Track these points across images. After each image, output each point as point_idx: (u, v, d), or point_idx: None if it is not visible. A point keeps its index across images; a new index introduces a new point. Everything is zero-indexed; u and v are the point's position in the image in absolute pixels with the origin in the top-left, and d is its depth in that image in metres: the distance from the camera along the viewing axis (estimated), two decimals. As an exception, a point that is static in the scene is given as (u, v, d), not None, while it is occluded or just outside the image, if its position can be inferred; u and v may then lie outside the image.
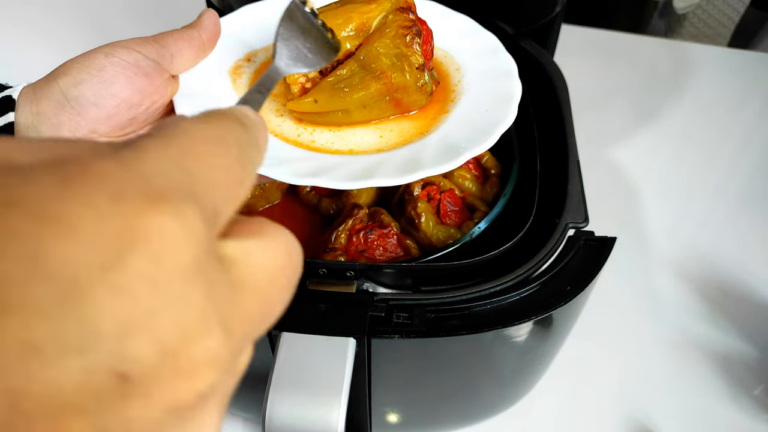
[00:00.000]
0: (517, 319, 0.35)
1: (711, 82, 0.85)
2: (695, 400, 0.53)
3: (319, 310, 0.35)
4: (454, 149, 0.36)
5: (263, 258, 0.14)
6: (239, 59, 0.42)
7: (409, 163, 0.35)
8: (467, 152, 0.36)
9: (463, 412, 0.47)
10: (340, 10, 0.39)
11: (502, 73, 0.42)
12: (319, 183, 0.33)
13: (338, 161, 0.36)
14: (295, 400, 0.32)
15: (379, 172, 0.34)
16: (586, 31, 0.92)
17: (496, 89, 0.41)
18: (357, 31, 0.38)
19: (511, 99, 0.39)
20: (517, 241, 0.39)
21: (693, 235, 0.66)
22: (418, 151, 0.37)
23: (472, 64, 0.44)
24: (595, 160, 0.73)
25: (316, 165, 0.35)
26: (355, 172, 0.34)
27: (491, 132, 0.37)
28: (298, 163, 0.35)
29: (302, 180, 0.33)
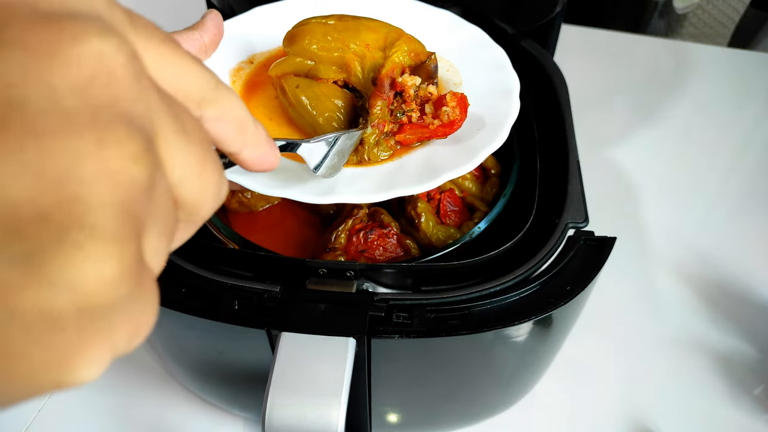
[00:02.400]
0: (517, 319, 0.35)
1: (711, 82, 0.85)
2: (695, 400, 0.53)
3: (319, 310, 0.35)
4: (433, 170, 0.36)
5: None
6: (242, 61, 0.42)
7: (383, 182, 0.35)
8: (448, 173, 0.35)
9: (463, 412, 0.47)
10: (341, 38, 0.38)
11: (502, 91, 0.41)
12: (286, 195, 0.33)
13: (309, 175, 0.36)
14: (295, 400, 0.32)
15: (349, 188, 0.34)
16: (586, 31, 0.92)
17: (492, 107, 0.40)
18: (341, 68, 0.38)
19: (504, 121, 0.38)
20: (517, 241, 0.39)
21: (693, 235, 0.66)
22: (394, 171, 0.36)
23: (474, 79, 0.43)
24: (595, 160, 0.73)
25: (285, 176, 0.35)
26: (324, 187, 0.34)
27: (476, 154, 0.36)
28: (270, 173, 0.35)
29: (269, 190, 0.33)
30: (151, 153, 0.13)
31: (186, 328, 0.39)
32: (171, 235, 0.15)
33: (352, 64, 0.37)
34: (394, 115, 0.37)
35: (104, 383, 0.54)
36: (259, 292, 0.36)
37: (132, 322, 0.13)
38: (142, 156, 0.12)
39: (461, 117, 0.37)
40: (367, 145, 0.36)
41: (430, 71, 0.38)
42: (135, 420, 0.52)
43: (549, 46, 0.61)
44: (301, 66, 0.37)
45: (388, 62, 0.37)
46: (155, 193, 0.13)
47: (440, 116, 0.36)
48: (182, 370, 0.47)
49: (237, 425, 0.52)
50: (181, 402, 0.53)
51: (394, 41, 0.38)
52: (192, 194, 0.15)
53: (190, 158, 0.15)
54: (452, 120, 0.36)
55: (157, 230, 0.14)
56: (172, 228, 0.15)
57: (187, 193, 0.15)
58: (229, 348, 0.40)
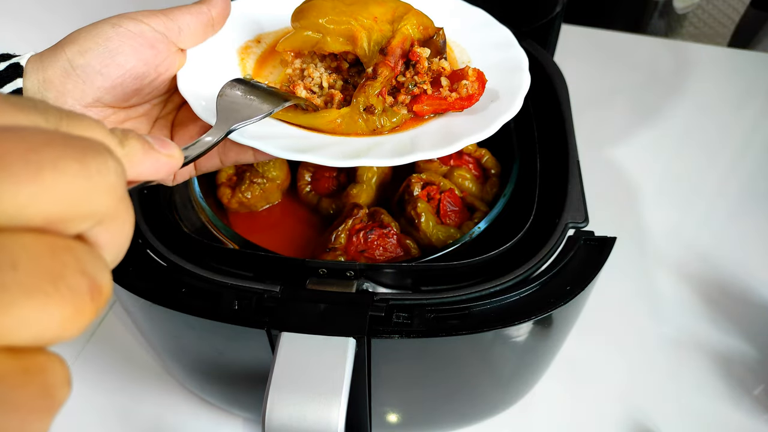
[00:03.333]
0: (517, 319, 0.35)
1: (711, 82, 0.85)
2: (695, 400, 0.53)
3: (319, 310, 0.35)
4: (451, 135, 0.36)
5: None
6: (250, 39, 0.42)
7: (405, 146, 0.35)
8: (465, 138, 0.35)
9: (463, 412, 0.47)
10: (348, 11, 0.38)
11: (512, 67, 0.41)
12: (309, 159, 0.32)
13: (331, 141, 0.36)
14: (295, 400, 0.32)
15: (373, 153, 0.34)
16: (586, 31, 0.92)
17: (504, 81, 0.40)
18: (347, 40, 0.37)
19: (517, 92, 0.38)
20: (517, 241, 0.39)
21: (693, 235, 0.66)
22: (413, 138, 0.36)
23: (483, 58, 0.43)
24: (595, 160, 0.73)
25: (307, 143, 0.35)
26: (347, 152, 0.34)
27: (493, 121, 0.36)
28: (289, 140, 0.35)
29: (290, 155, 0.33)
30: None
31: (186, 328, 0.39)
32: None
33: (358, 36, 0.37)
34: (406, 87, 0.37)
35: (104, 383, 0.55)
36: (259, 292, 0.36)
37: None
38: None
39: (479, 91, 0.37)
40: (376, 113, 0.36)
41: (438, 46, 0.38)
42: (135, 420, 0.52)
43: (549, 46, 0.61)
44: (308, 40, 0.38)
45: (399, 34, 0.37)
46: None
47: (459, 90, 0.37)
48: (182, 370, 0.47)
49: (237, 425, 0.52)
50: (181, 402, 0.53)
51: (403, 15, 0.37)
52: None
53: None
54: (471, 94, 0.37)
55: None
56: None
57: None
58: (229, 348, 0.40)
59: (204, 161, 0.37)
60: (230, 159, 0.37)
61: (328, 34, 0.37)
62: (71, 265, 0.13)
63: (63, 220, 0.14)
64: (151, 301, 0.36)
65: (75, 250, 0.14)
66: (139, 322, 0.42)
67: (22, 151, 0.13)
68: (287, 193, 0.52)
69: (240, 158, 0.37)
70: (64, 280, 0.13)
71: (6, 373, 0.12)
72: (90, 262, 0.14)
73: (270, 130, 0.35)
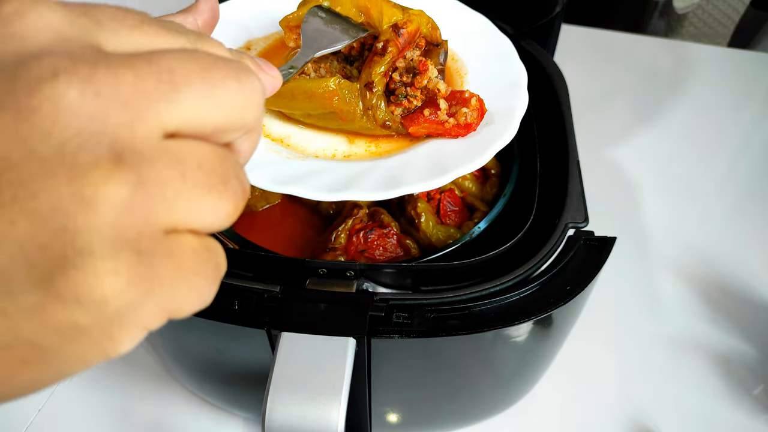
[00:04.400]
0: (517, 319, 0.35)
1: (711, 82, 0.85)
2: (695, 400, 0.53)
3: (319, 310, 0.35)
4: (442, 165, 0.35)
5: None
6: (239, 47, 0.41)
7: (391, 178, 0.34)
8: (456, 170, 0.34)
9: (463, 412, 0.47)
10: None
11: (510, 83, 0.40)
12: (293, 191, 0.32)
13: (319, 167, 0.35)
14: (295, 400, 0.32)
15: (358, 185, 0.33)
16: (586, 31, 0.92)
17: (500, 100, 0.39)
18: (359, 9, 0.37)
19: (512, 114, 0.38)
20: (517, 241, 0.39)
21: (693, 235, 0.66)
22: (401, 166, 0.35)
23: (481, 70, 0.42)
24: (595, 160, 0.73)
25: (293, 172, 0.34)
26: (334, 182, 0.33)
27: (486, 149, 0.35)
28: (275, 167, 0.34)
29: (275, 187, 0.33)
30: (120, 169, 0.14)
31: (186, 328, 0.39)
32: (188, 218, 0.15)
33: (371, 6, 0.36)
34: (396, 95, 0.37)
35: (104, 383, 0.54)
36: (259, 292, 0.36)
37: (159, 306, 0.15)
38: (110, 176, 0.14)
39: (478, 121, 0.37)
40: (375, 93, 0.36)
41: (439, 59, 0.38)
42: (135, 420, 0.52)
43: (549, 46, 0.61)
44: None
45: (415, 20, 0.36)
46: (143, 199, 0.14)
47: (457, 117, 0.36)
48: (182, 370, 0.47)
49: (237, 425, 0.52)
50: (181, 402, 0.53)
51: (414, 12, 0.37)
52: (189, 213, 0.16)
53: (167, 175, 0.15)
54: (469, 123, 0.36)
55: (158, 228, 0.15)
56: (186, 215, 0.15)
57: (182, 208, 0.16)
58: (229, 348, 0.40)
59: None
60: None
61: (340, 4, 0.36)
62: (232, 170, 0.16)
63: (225, 130, 0.16)
64: (151, 301, 0.36)
65: (231, 157, 0.17)
66: (139, 322, 0.42)
67: (199, 71, 0.15)
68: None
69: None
70: (230, 182, 0.16)
71: (198, 249, 0.16)
72: (239, 168, 0.17)
73: (258, 157, 0.35)
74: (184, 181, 0.15)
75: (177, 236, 0.15)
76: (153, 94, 0.15)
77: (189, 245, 0.15)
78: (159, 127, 0.15)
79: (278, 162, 0.35)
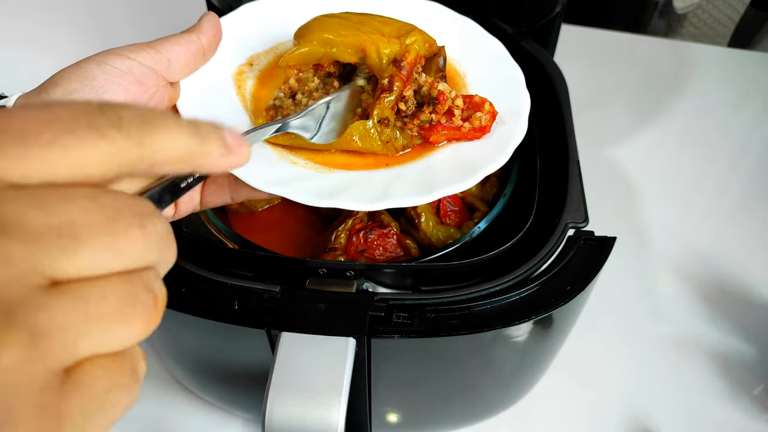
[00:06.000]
0: (517, 319, 0.35)
1: (711, 82, 0.85)
2: (695, 400, 0.53)
3: (319, 310, 0.35)
4: (467, 168, 0.35)
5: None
6: (242, 63, 0.41)
7: (424, 182, 0.34)
8: (482, 170, 0.35)
9: (463, 412, 0.47)
10: (355, 27, 0.37)
11: (510, 85, 0.41)
12: (338, 204, 0.32)
13: (352, 178, 0.35)
14: (295, 400, 0.32)
15: (394, 191, 0.33)
16: (586, 31, 0.92)
17: (504, 101, 0.39)
18: (356, 51, 0.37)
19: (520, 112, 0.39)
20: (517, 241, 0.39)
21: (693, 235, 0.66)
22: (393, 180, 0.36)
23: (477, 72, 0.43)
24: (595, 160, 0.73)
25: (334, 183, 0.34)
26: (371, 191, 0.33)
27: (505, 147, 0.36)
28: (311, 182, 0.34)
29: (274, 189, 0.32)
30: (11, 328, 0.14)
31: (186, 328, 0.39)
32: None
33: (368, 46, 0.37)
34: (420, 120, 0.38)
35: (104, 383, 0.54)
36: (259, 292, 0.36)
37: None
38: (1, 338, 0.14)
39: (490, 123, 0.38)
40: (390, 126, 0.37)
41: (439, 66, 0.39)
42: (135, 420, 0.52)
43: (549, 46, 0.61)
44: (314, 53, 0.37)
45: (412, 50, 0.37)
46: (40, 352, 0.14)
47: (472, 121, 0.38)
48: (182, 370, 0.47)
49: (237, 425, 0.52)
50: (181, 402, 0.53)
51: (408, 32, 0.38)
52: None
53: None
54: (484, 126, 0.38)
55: (61, 370, 0.15)
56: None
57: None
58: (229, 348, 0.40)
59: (213, 196, 0.35)
60: (242, 195, 0.35)
61: (335, 45, 0.37)
62: (140, 285, 0.17)
63: (129, 271, 0.17)
64: (151, 301, 0.36)
65: (141, 274, 0.17)
66: (139, 322, 0.42)
67: (103, 221, 0.16)
68: (287, 193, 0.51)
69: (254, 194, 0.35)
70: (138, 299, 0.16)
71: (108, 367, 0.16)
72: (151, 277, 0.17)
73: (257, 154, 0.34)
74: (86, 321, 0.15)
75: (82, 368, 0.15)
76: (51, 248, 0.14)
77: (96, 370, 0.16)
78: (54, 278, 0.15)
79: (277, 164, 0.35)
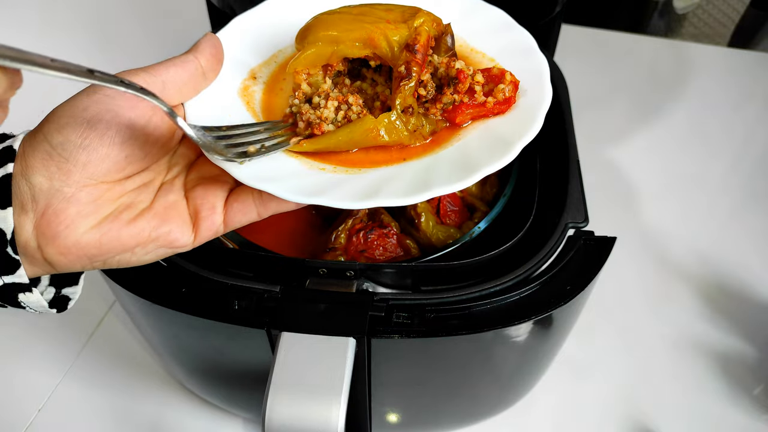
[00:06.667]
0: (517, 319, 0.35)
1: (711, 82, 0.85)
2: (695, 400, 0.53)
3: (319, 310, 0.35)
4: (502, 143, 0.33)
5: None
6: (245, 78, 0.39)
7: (419, 182, 0.32)
8: (519, 142, 0.33)
9: (463, 412, 0.47)
10: (357, 19, 0.36)
11: (521, 50, 0.39)
12: (320, 201, 0.30)
13: (339, 178, 0.33)
14: (295, 400, 0.32)
15: (436, 179, 0.32)
16: (586, 31, 0.92)
17: (521, 69, 0.37)
18: (365, 44, 0.36)
19: (541, 77, 0.36)
20: (517, 241, 0.39)
21: (693, 235, 0.66)
22: (429, 168, 0.34)
23: (483, 43, 0.41)
24: (595, 160, 0.73)
25: (319, 181, 0.33)
26: (360, 190, 0.32)
27: (535, 116, 0.34)
28: (300, 179, 0.33)
29: (304, 199, 0.31)
30: None
31: (186, 328, 0.39)
32: None
33: (376, 37, 0.35)
34: (443, 102, 0.36)
35: (104, 383, 0.55)
36: (259, 292, 0.36)
37: None
38: None
39: (514, 94, 0.36)
40: (415, 113, 0.35)
41: (448, 44, 0.38)
42: (135, 420, 0.52)
43: (549, 46, 0.61)
44: (321, 54, 0.36)
45: (423, 32, 0.35)
46: None
47: (495, 94, 0.36)
48: (182, 370, 0.47)
49: (237, 425, 0.52)
50: (181, 402, 0.53)
51: (414, 14, 0.36)
52: None
53: None
54: (508, 97, 0.36)
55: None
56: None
57: None
58: (229, 348, 0.40)
59: (238, 215, 0.33)
60: (270, 210, 0.33)
61: (342, 42, 0.35)
62: None
63: None
64: (151, 301, 0.36)
65: None
66: (139, 322, 0.42)
67: None
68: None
69: (281, 208, 0.33)
70: None
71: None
72: None
73: (280, 168, 0.33)
74: None
75: None
76: None
77: None
78: None
79: (308, 174, 0.33)
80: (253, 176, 0.30)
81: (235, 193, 0.33)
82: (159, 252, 0.31)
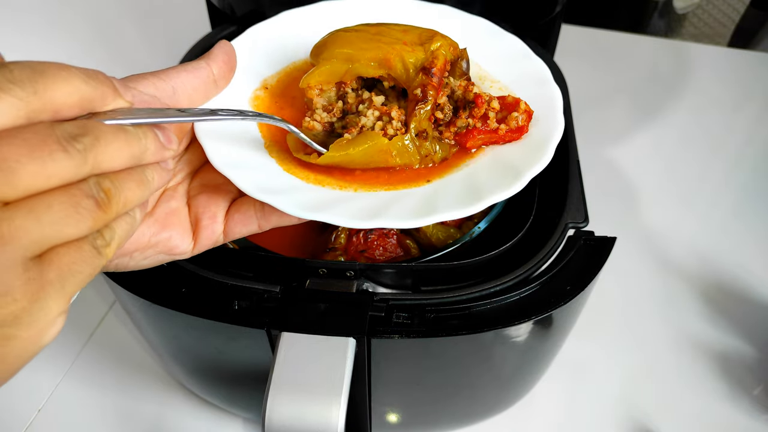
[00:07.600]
0: (517, 319, 0.35)
1: (711, 82, 0.85)
2: (695, 400, 0.53)
3: (319, 310, 0.35)
4: (512, 171, 0.33)
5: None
6: (256, 88, 0.39)
7: (425, 206, 0.32)
8: (528, 172, 0.33)
9: (463, 412, 0.47)
10: (374, 39, 0.36)
11: (535, 80, 0.39)
12: (324, 218, 0.30)
13: (345, 195, 0.33)
14: (295, 400, 0.32)
15: (441, 204, 0.32)
16: (586, 31, 0.92)
17: (534, 99, 0.37)
18: (380, 64, 0.36)
19: (554, 108, 0.37)
20: (517, 241, 0.39)
21: (693, 235, 0.66)
22: (437, 192, 0.34)
23: (499, 70, 0.41)
24: (595, 160, 0.73)
25: (321, 198, 0.32)
26: (365, 209, 0.31)
27: (546, 146, 0.34)
28: (303, 194, 0.32)
29: (308, 214, 0.30)
30: None
31: (186, 328, 0.39)
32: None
33: (392, 58, 0.35)
34: (457, 126, 0.36)
35: (104, 383, 0.55)
36: (259, 292, 0.36)
37: (59, 296, 0.20)
38: None
39: (527, 123, 0.37)
40: (429, 139, 0.35)
41: (463, 69, 0.38)
42: (135, 420, 0.52)
43: (549, 46, 0.61)
44: (335, 71, 0.36)
45: (440, 56, 0.35)
46: (11, 240, 0.19)
47: (508, 122, 0.36)
48: (182, 370, 0.47)
49: (237, 425, 0.52)
50: (181, 402, 0.53)
51: (431, 37, 0.36)
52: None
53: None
54: (521, 126, 0.36)
55: (30, 253, 0.20)
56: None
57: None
58: (229, 348, 0.40)
59: (238, 226, 0.33)
60: (271, 222, 0.33)
61: (357, 60, 0.35)
62: (80, 194, 0.21)
63: (66, 181, 0.21)
64: (151, 301, 0.36)
65: (80, 184, 0.21)
66: (139, 322, 0.42)
67: (28, 151, 0.19)
68: (287, 193, 0.51)
69: (283, 221, 0.33)
70: (81, 204, 0.21)
71: (75, 247, 0.21)
72: (90, 186, 0.21)
73: (285, 182, 0.33)
74: (40, 223, 0.19)
75: (53, 251, 0.20)
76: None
77: (62, 250, 0.20)
78: (4, 200, 0.19)
79: (311, 189, 0.33)
80: (257, 188, 0.30)
81: (237, 204, 0.32)
82: (157, 258, 0.31)
